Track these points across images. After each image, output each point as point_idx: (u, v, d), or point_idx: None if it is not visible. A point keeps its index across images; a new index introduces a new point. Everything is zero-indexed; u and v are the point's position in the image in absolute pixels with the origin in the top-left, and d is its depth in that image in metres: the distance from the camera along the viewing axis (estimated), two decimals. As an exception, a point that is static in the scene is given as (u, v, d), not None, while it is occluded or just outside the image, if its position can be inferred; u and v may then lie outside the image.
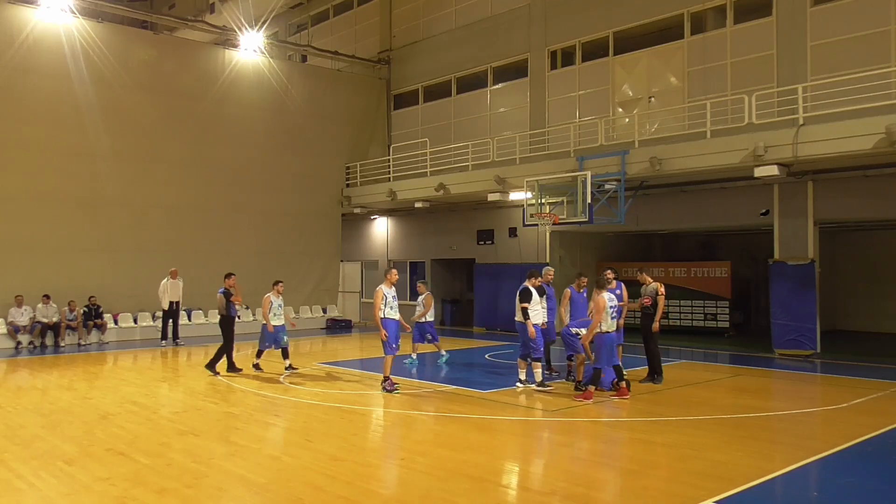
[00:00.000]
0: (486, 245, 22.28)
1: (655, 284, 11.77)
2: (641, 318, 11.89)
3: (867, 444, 8.03)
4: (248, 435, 8.42)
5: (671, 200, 17.95)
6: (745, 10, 17.01)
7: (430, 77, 24.81)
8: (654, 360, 11.83)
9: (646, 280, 11.84)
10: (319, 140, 24.22)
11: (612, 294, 10.66)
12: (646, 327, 11.75)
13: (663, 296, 11.73)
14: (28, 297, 17.76)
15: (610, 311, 10.36)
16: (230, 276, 13.91)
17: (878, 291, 20.86)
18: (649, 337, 11.74)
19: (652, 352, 11.81)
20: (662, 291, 11.73)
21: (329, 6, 29.16)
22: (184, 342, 18.49)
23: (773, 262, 16.10)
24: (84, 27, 19.20)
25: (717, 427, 8.89)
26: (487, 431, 8.82)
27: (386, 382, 11.21)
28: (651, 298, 11.60)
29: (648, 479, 6.90)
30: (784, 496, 6.59)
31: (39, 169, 18.46)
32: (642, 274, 12.04)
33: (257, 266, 22.50)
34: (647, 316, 11.74)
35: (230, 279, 13.74)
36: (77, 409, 10.02)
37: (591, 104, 20.04)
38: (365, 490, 6.35)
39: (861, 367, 14.01)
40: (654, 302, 11.59)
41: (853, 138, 13.13)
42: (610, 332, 10.37)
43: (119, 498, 6.15)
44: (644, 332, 11.80)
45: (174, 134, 20.89)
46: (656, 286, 11.73)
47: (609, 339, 10.37)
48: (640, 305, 11.73)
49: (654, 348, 11.81)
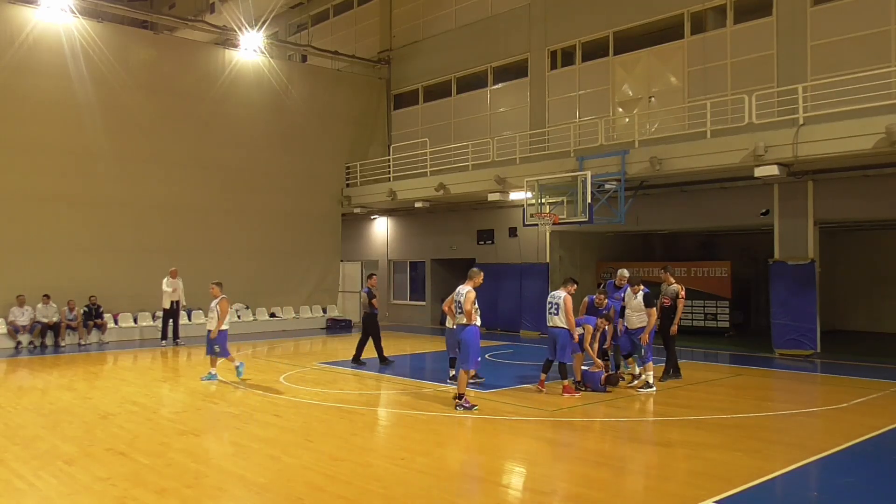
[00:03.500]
0: (486, 245, 22.28)
1: (677, 286, 11.70)
2: (661, 318, 11.79)
3: (867, 444, 8.03)
4: (248, 435, 8.41)
5: (671, 200, 17.95)
6: (745, 10, 17.01)
7: (430, 77, 24.81)
8: (673, 358, 12.00)
9: (668, 280, 11.81)
10: (319, 140, 24.22)
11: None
12: (664, 327, 11.79)
13: (683, 299, 11.69)
14: (28, 297, 17.76)
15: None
16: (372, 276, 15.06)
17: (878, 291, 20.86)
18: (668, 337, 11.82)
19: (671, 350, 11.96)
20: (683, 295, 11.71)
21: (329, 6, 29.16)
22: (184, 342, 18.47)
23: (773, 262, 16.10)
24: (84, 27, 19.20)
25: (717, 427, 8.89)
26: (488, 431, 8.82)
27: (462, 399, 9.89)
28: (671, 299, 11.53)
29: (648, 479, 6.91)
30: (784, 496, 6.59)
31: (39, 169, 18.45)
32: (665, 273, 12.01)
33: (257, 266, 22.57)
34: (666, 316, 11.75)
35: (372, 279, 14.76)
36: (77, 409, 10.02)
37: (591, 104, 20.04)
38: (365, 490, 6.34)
39: (861, 367, 14.01)
40: (674, 304, 11.50)
41: (853, 138, 13.13)
42: None
43: (119, 498, 6.15)
44: (663, 333, 11.84)
45: (174, 134, 20.89)
46: (678, 288, 11.67)
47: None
48: (660, 305, 11.71)
49: (672, 347, 11.96)
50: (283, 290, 23.40)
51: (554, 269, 20.14)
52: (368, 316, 14.44)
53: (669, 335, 11.85)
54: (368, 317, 14.45)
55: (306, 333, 21.66)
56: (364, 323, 14.71)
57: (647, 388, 11.13)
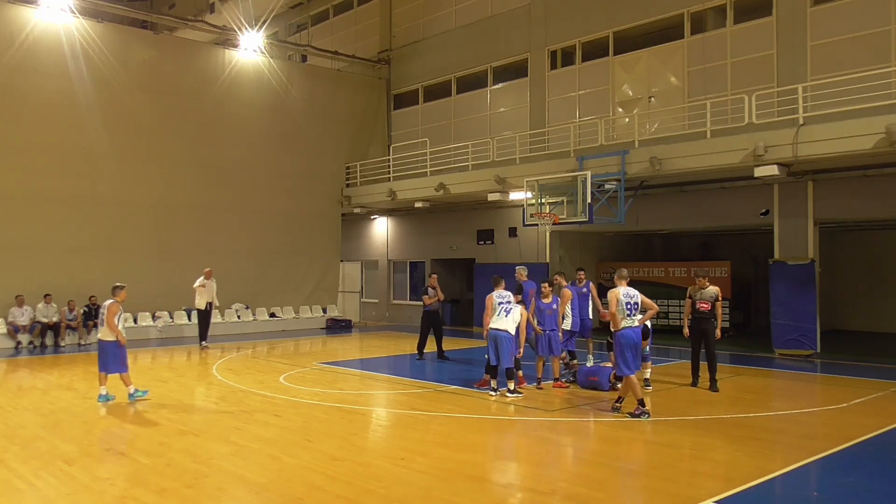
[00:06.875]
0: (486, 245, 22.28)
1: (715, 289, 11.38)
2: (698, 322, 11.37)
3: (867, 444, 8.03)
4: (248, 435, 8.41)
5: (671, 200, 17.94)
6: (745, 10, 17.00)
7: (430, 77, 24.81)
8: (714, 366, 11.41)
9: (703, 284, 11.41)
10: (319, 140, 24.22)
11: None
12: (704, 331, 11.32)
13: (721, 301, 11.38)
14: (28, 297, 17.76)
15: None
16: (432, 275, 15.62)
17: (879, 291, 20.85)
18: (710, 342, 11.32)
19: (712, 357, 11.40)
20: (721, 297, 11.39)
21: (329, 6, 29.16)
22: (209, 345, 17.53)
23: (773, 262, 16.10)
24: (84, 27, 19.19)
25: (717, 427, 8.89)
26: (487, 431, 8.82)
27: (635, 409, 9.32)
28: (710, 303, 11.22)
29: (648, 479, 6.90)
30: (784, 496, 6.59)
31: (39, 169, 18.44)
32: (700, 278, 11.50)
33: (257, 266, 22.57)
34: (704, 320, 11.30)
35: (432, 279, 15.28)
36: (77, 409, 10.02)
37: (591, 104, 20.04)
38: (365, 490, 6.34)
39: (861, 367, 14.01)
40: (713, 307, 11.21)
41: (853, 138, 13.12)
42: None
43: (119, 498, 6.15)
44: (706, 337, 11.33)
45: (174, 134, 20.88)
46: (716, 291, 11.35)
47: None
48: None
49: (714, 353, 11.42)
50: (283, 290, 23.39)
51: (554, 269, 20.10)
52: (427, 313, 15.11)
53: (712, 339, 11.30)
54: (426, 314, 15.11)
55: (306, 333, 21.66)
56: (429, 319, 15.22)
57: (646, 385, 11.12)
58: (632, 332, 9.36)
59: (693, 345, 11.66)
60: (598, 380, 11.26)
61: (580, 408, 10.06)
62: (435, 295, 14.91)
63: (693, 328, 11.52)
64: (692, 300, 11.49)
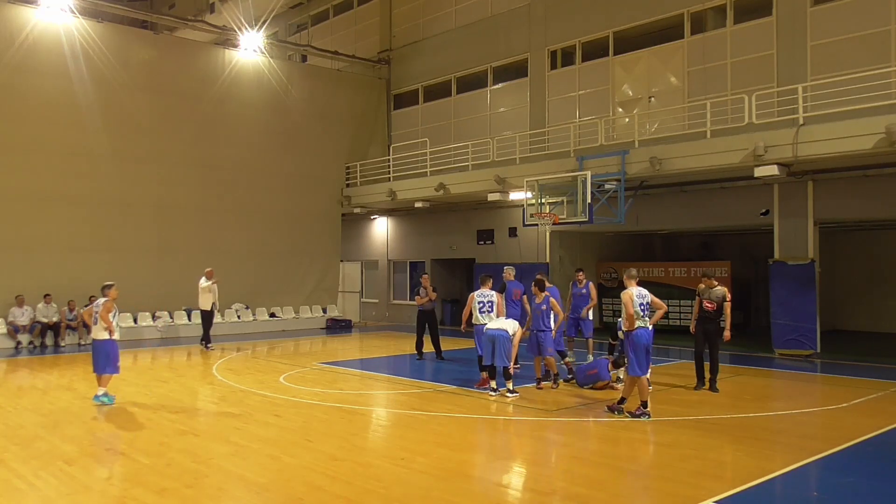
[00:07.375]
0: (486, 245, 22.28)
1: (723, 289, 11.28)
2: (703, 322, 11.30)
3: (867, 444, 8.03)
4: (248, 435, 8.41)
5: (671, 200, 17.94)
6: (745, 10, 17.00)
7: (430, 77, 24.81)
8: (716, 368, 11.40)
9: (711, 284, 11.29)
10: (319, 140, 24.22)
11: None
12: (708, 332, 11.25)
13: (730, 302, 11.22)
14: (28, 297, 17.76)
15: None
16: (424, 275, 15.65)
17: (879, 291, 20.85)
18: (714, 343, 11.26)
19: (715, 358, 11.36)
20: (729, 298, 11.25)
21: (329, 6, 29.16)
22: (213, 347, 17.30)
23: (773, 262, 16.10)
24: (84, 27, 19.19)
25: (717, 427, 8.89)
26: (487, 431, 8.82)
27: (636, 409, 9.31)
28: (717, 303, 11.11)
29: (648, 479, 6.91)
30: (784, 496, 6.60)
31: (39, 169, 18.44)
32: (707, 278, 11.38)
33: (257, 266, 22.56)
34: (709, 321, 11.22)
35: (424, 279, 15.29)
36: (77, 409, 10.02)
37: (591, 104, 20.04)
38: (365, 490, 6.34)
39: (861, 367, 14.01)
40: (721, 307, 11.10)
41: (853, 138, 13.12)
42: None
43: (119, 498, 6.15)
44: (709, 338, 11.27)
45: (174, 134, 20.88)
46: (724, 291, 11.25)
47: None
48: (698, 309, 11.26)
49: (716, 355, 11.38)
50: (283, 290, 23.39)
51: (554, 269, 20.13)
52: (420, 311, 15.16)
53: (716, 340, 11.24)
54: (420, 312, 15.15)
55: (306, 333, 21.66)
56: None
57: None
58: (645, 332, 9.32)
59: (696, 345, 11.59)
60: (598, 371, 11.26)
61: (580, 408, 10.06)
62: (426, 295, 14.81)
63: (697, 328, 11.47)
64: (701, 299, 11.41)
